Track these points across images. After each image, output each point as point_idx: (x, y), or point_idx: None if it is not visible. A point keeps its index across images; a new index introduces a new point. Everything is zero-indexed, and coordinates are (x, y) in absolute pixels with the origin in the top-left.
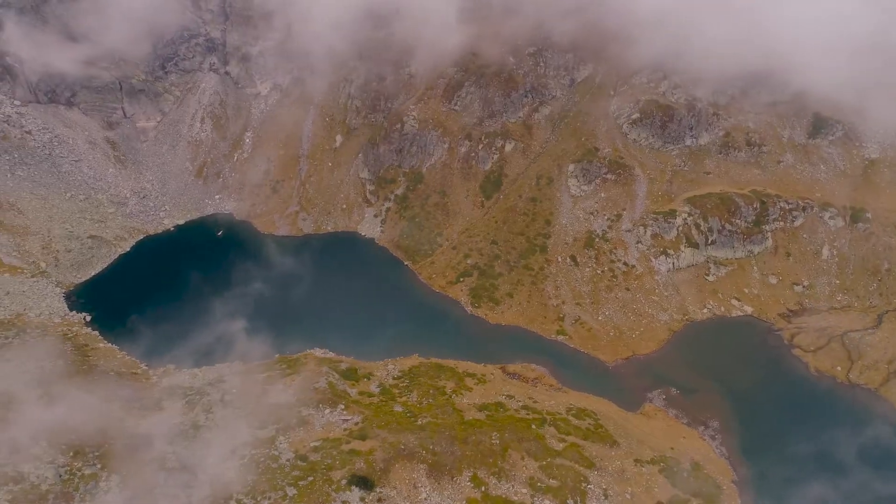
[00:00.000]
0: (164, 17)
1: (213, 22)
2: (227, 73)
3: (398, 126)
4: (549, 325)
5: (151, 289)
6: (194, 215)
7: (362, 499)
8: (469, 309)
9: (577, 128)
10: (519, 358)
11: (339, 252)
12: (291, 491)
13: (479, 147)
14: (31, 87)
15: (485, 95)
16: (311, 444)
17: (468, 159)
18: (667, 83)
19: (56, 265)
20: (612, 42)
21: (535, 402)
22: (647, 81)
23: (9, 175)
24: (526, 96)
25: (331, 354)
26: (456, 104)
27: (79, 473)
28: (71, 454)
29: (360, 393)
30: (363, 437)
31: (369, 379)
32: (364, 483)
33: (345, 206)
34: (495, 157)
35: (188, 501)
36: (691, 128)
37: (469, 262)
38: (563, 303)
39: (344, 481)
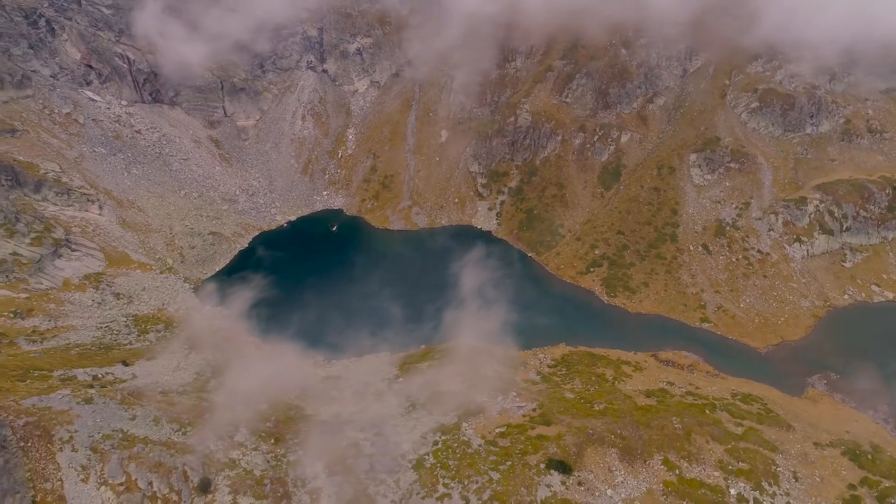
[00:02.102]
0: (270, 17)
1: (310, 20)
2: (324, 70)
3: (512, 119)
4: (692, 313)
5: (276, 283)
6: (304, 211)
7: (563, 482)
8: (605, 298)
9: (693, 117)
10: (668, 345)
11: (459, 244)
12: (495, 475)
13: (595, 139)
14: (137, 87)
15: (597, 87)
16: (497, 430)
17: (583, 151)
18: (783, 72)
19: (182, 261)
20: (721, 23)
21: (696, 388)
22: (763, 70)
23: (125, 174)
24: (639, 87)
25: (478, 344)
26: (567, 96)
27: (284, 460)
28: (272, 441)
29: (524, 381)
30: (547, 423)
31: (525, 367)
32: (562, 467)
33: (457, 200)
34: (611, 148)
35: (396, 486)
36: (812, 116)
37: (597, 252)
38: (702, 291)
39: (542, 465)
